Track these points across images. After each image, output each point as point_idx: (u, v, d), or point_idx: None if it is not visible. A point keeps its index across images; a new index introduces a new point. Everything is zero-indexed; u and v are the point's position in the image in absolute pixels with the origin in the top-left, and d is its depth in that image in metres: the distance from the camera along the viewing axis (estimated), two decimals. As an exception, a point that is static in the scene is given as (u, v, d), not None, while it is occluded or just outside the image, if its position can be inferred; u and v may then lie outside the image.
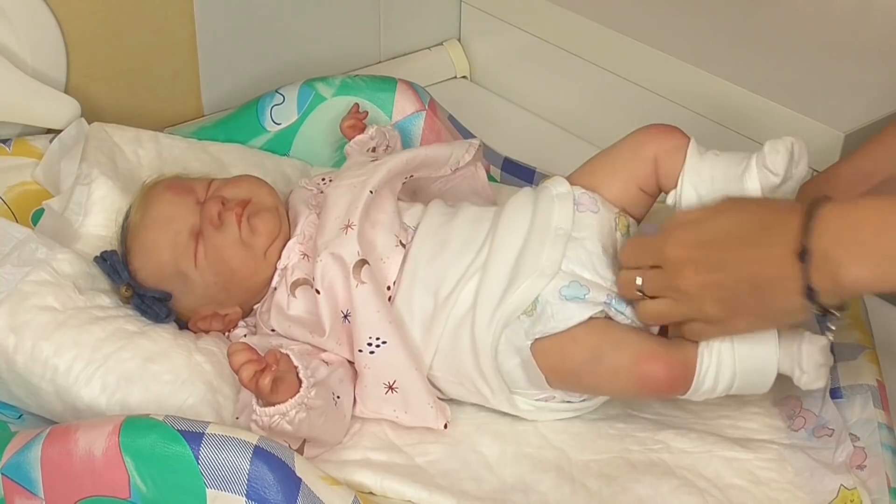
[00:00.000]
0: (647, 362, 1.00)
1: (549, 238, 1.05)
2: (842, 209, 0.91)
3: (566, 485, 1.02)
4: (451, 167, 1.20)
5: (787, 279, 0.91)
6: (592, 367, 1.01)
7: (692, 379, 1.01)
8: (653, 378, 1.00)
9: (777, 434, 1.07)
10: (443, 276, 1.07)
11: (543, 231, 1.06)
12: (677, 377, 1.01)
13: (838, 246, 0.89)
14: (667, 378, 1.01)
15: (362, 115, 1.30)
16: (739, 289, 0.94)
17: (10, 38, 1.29)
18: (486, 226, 1.09)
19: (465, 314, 1.05)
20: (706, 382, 1.01)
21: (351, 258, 1.06)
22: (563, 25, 1.56)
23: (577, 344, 1.02)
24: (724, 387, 1.02)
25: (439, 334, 1.06)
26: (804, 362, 1.00)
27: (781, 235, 0.92)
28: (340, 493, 0.92)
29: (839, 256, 0.89)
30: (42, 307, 1.06)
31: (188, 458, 0.90)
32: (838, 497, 0.98)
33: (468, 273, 1.06)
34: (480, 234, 1.09)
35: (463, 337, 1.05)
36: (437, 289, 1.07)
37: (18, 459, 0.94)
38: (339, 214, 1.09)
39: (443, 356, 1.06)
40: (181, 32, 1.44)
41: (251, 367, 0.97)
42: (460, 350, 1.05)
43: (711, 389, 1.02)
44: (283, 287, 1.10)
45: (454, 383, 1.08)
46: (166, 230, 1.12)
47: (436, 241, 1.10)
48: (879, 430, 1.02)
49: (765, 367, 1.01)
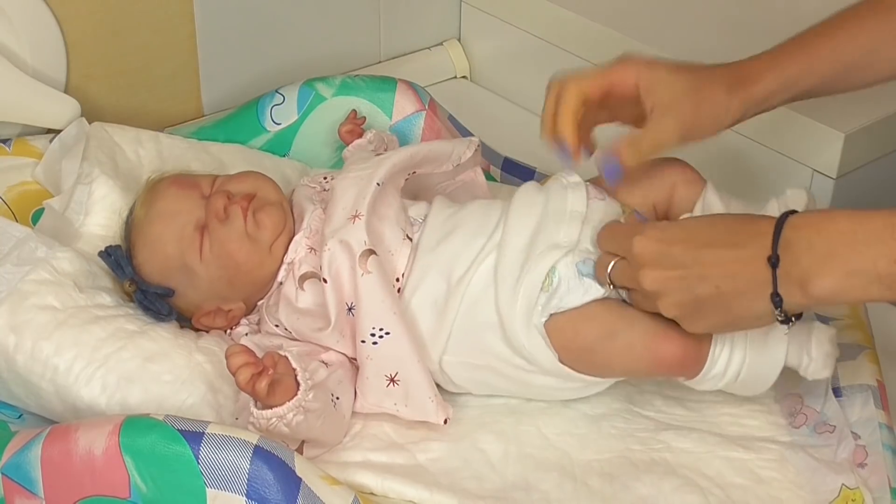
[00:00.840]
0: (663, 340, 1.01)
1: (566, 218, 1.06)
2: (814, 218, 0.91)
3: (568, 483, 1.02)
4: (453, 163, 1.21)
5: (755, 284, 0.91)
6: (606, 345, 1.02)
7: (704, 361, 1.01)
8: (667, 356, 1.01)
9: (778, 431, 1.07)
10: (455, 259, 1.08)
11: (559, 213, 1.07)
12: (690, 357, 1.02)
13: (808, 255, 0.89)
14: (681, 356, 1.01)
15: (360, 120, 1.31)
16: (699, 290, 0.93)
17: (10, 38, 1.29)
18: (497, 213, 1.10)
19: (482, 293, 1.06)
20: (717, 366, 1.02)
21: (359, 246, 1.06)
22: (563, 25, 1.56)
23: (592, 321, 1.02)
24: (732, 373, 1.02)
25: (453, 317, 1.06)
26: (814, 350, 1.01)
27: (753, 240, 0.92)
28: (340, 492, 0.92)
29: (809, 266, 0.89)
30: (42, 306, 1.06)
31: (188, 457, 0.90)
32: (840, 496, 0.98)
33: (482, 254, 1.07)
34: (492, 219, 1.09)
35: (483, 314, 1.05)
36: (449, 272, 1.07)
37: (18, 459, 0.94)
38: (346, 205, 1.09)
39: (459, 338, 1.06)
40: (181, 32, 1.44)
41: (248, 369, 0.97)
42: (480, 327, 1.06)
43: (720, 375, 1.02)
44: (290, 281, 1.11)
45: (470, 367, 1.07)
46: (171, 224, 1.12)
47: (445, 229, 1.10)
48: (880, 429, 1.02)
49: (774, 353, 1.01)
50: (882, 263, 0.87)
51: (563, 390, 1.08)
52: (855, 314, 1.16)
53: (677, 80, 1.06)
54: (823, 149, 1.31)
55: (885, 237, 0.87)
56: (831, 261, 0.88)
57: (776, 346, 1.01)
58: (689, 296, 0.94)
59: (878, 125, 1.34)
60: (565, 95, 1.07)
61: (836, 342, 1.03)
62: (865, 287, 0.88)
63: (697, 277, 0.93)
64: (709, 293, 0.93)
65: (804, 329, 1.02)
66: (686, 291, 0.94)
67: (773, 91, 1.08)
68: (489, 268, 1.06)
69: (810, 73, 1.09)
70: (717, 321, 0.96)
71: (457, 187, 1.25)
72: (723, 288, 0.93)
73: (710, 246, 0.94)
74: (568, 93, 1.07)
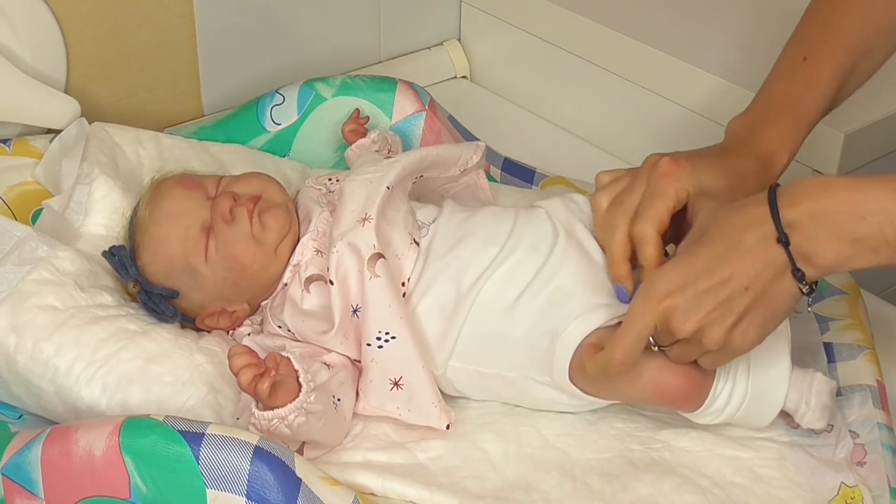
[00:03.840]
0: (669, 371, 1.00)
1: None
2: (810, 189, 0.91)
3: (568, 483, 1.02)
4: (460, 167, 1.21)
5: (775, 266, 0.91)
6: None
7: (706, 396, 1.02)
8: (672, 388, 1.01)
9: (776, 431, 1.07)
10: (466, 265, 1.08)
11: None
12: (693, 391, 1.02)
13: (812, 227, 0.90)
14: (684, 389, 1.01)
15: (363, 119, 1.31)
16: (735, 304, 0.93)
17: (10, 38, 1.29)
18: (510, 222, 1.11)
19: (494, 301, 1.06)
20: (718, 401, 1.02)
21: (367, 249, 1.06)
22: (563, 25, 1.56)
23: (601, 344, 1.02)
24: (731, 410, 1.02)
25: (461, 323, 1.06)
26: (812, 400, 1.02)
27: (752, 228, 0.92)
28: (340, 493, 0.92)
29: (814, 238, 0.90)
30: (43, 307, 1.06)
31: (188, 458, 0.90)
32: (839, 494, 0.98)
33: (495, 263, 1.07)
34: (504, 228, 1.10)
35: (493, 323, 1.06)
36: (460, 278, 1.07)
37: (18, 459, 0.94)
38: (355, 208, 1.09)
39: (466, 344, 1.06)
40: (181, 32, 1.44)
41: (250, 371, 0.97)
42: (489, 335, 1.06)
43: (720, 411, 1.02)
44: (296, 283, 1.11)
45: (477, 374, 1.07)
46: (177, 225, 1.12)
47: (457, 235, 1.11)
48: (879, 429, 1.02)
49: (774, 397, 1.02)
50: (889, 231, 0.88)
51: (566, 405, 1.08)
52: (855, 314, 1.16)
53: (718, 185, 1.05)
54: (823, 149, 1.31)
55: (887, 205, 0.88)
56: (836, 230, 0.89)
57: (776, 389, 1.02)
58: (729, 315, 0.93)
59: (878, 125, 1.34)
60: (648, 240, 1.03)
61: (835, 395, 1.04)
62: (875, 252, 0.89)
63: (726, 298, 0.93)
64: (743, 301, 0.93)
65: (806, 378, 1.03)
66: (724, 315, 0.93)
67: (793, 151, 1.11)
68: (502, 276, 1.07)
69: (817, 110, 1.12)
70: (761, 322, 0.94)
71: (459, 189, 1.25)
72: (753, 288, 0.92)
73: (716, 266, 0.93)
74: (651, 238, 1.03)
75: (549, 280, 1.06)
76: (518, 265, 1.08)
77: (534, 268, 1.07)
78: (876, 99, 1.34)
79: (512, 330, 1.06)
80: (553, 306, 1.05)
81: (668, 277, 0.95)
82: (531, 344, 1.05)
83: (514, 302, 1.06)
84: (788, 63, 1.14)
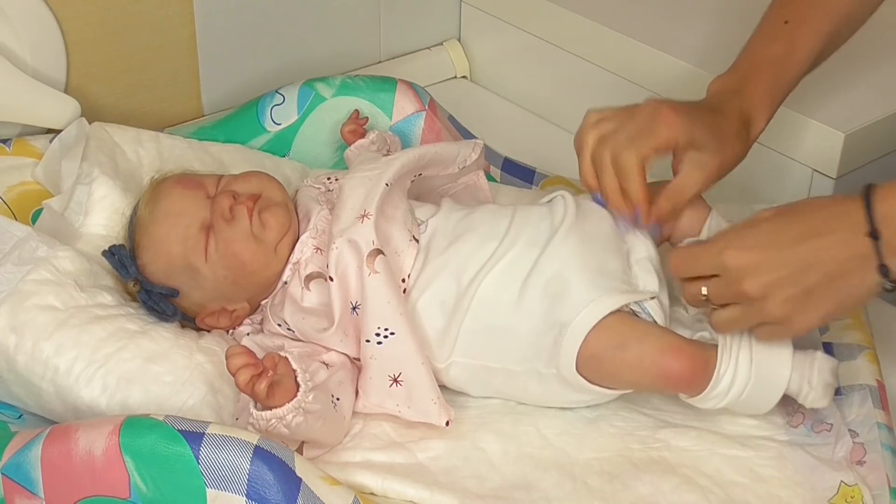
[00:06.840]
0: (672, 355, 1.02)
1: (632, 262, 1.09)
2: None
3: (568, 482, 1.02)
4: (459, 165, 1.21)
5: (859, 260, 0.93)
6: (616, 355, 1.03)
7: (710, 378, 1.02)
8: (675, 371, 1.02)
9: (776, 430, 1.07)
10: (466, 261, 1.08)
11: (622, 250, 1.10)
12: (697, 373, 1.02)
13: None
14: (688, 372, 1.02)
15: (363, 120, 1.31)
16: (808, 281, 0.94)
17: (10, 38, 1.29)
18: (507, 218, 1.11)
19: (494, 296, 1.06)
20: (721, 384, 1.02)
21: (367, 246, 1.06)
22: (563, 25, 1.56)
23: (605, 330, 1.03)
24: (734, 393, 1.02)
25: (461, 318, 1.07)
26: (815, 379, 1.02)
27: (843, 219, 0.94)
28: (340, 492, 0.92)
29: None
30: (43, 306, 1.06)
31: (188, 457, 0.90)
32: (839, 493, 0.98)
33: (494, 258, 1.08)
34: (502, 224, 1.10)
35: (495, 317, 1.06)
36: (459, 274, 1.08)
37: (18, 459, 0.94)
38: (354, 205, 1.09)
39: (468, 339, 1.07)
40: (181, 32, 1.44)
41: (248, 371, 0.97)
42: (490, 329, 1.06)
43: (724, 394, 1.03)
44: (296, 280, 1.11)
45: (480, 369, 1.08)
46: (177, 224, 1.12)
47: (457, 232, 1.11)
48: (879, 429, 1.02)
49: (777, 379, 1.02)
50: None
51: (569, 400, 1.08)
52: (855, 314, 1.16)
53: (707, 141, 1.07)
54: (823, 149, 1.31)
55: None
56: None
57: (780, 371, 1.02)
58: (799, 289, 0.95)
59: (878, 125, 1.34)
60: (627, 167, 1.06)
61: (836, 374, 1.04)
62: None
63: (802, 271, 0.95)
64: (817, 281, 0.94)
65: (808, 358, 1.03)
66: (795, 286, 0.95)
67: (770, 115, 1.14)
68: (501, 271, 1.07)
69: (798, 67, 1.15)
70: (828, 308, 0.97)
71: (458, 189, 1.25)
72: (830, 273, 0.94)
73: (802, 239, 0.95)
74: (631, 164, 1.06)
75: (546, 270, 1.07)
76: (517, 259, 1.08)
77: (531, 261, 1.08)
78: (876, 99, 1.35)
79: (517, 324, 1.06)
80: (556, 297, 1.05)
81: (756, 236, 0.97)
82: (537, 336, 1.05)
83: (516, 296, 1.07)
84: (770, 25, 1.16)
